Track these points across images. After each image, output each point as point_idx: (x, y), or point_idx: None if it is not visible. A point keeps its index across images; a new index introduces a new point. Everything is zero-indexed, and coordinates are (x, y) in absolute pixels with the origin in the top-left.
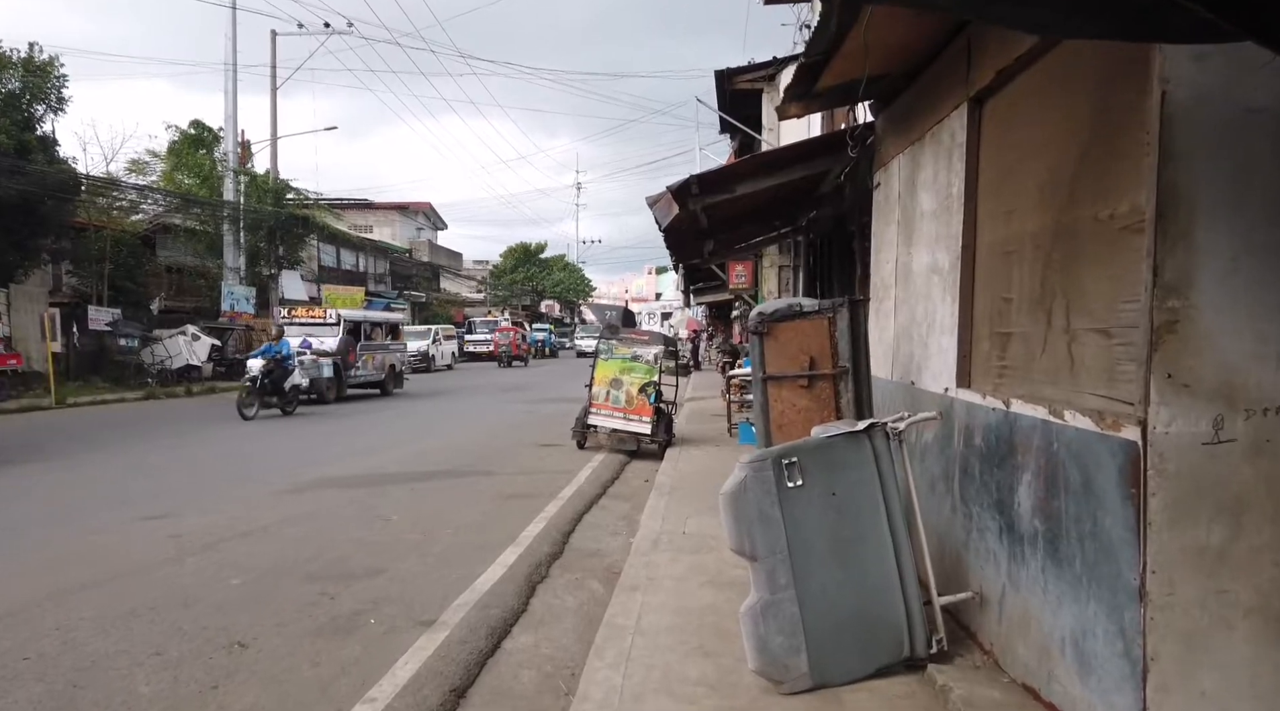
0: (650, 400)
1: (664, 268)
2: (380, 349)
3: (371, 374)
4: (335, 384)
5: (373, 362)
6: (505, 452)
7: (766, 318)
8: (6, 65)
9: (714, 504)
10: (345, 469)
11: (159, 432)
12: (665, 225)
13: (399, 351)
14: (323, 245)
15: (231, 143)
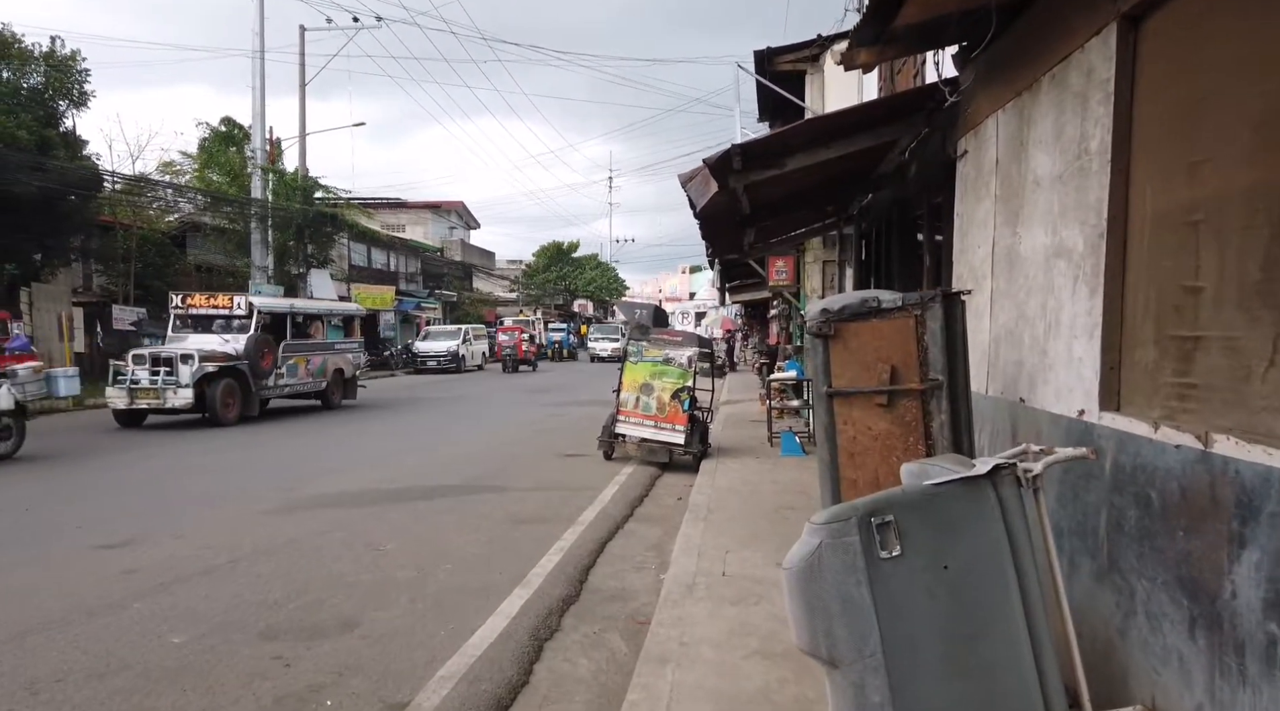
0: (684, 407)
1: (698, 267)
2: (318, 350)
3: (304, 382)
4: (239, 398)
5: (305, 368)
6: (524, 464)
7: (833, 316)
8: (28, 59)
9: (757, 531)
10: (347, 483)
11: (162, 438)
12: (701, 207)
13: (350, 352)
14: (353, 244)
15: (259, 139)
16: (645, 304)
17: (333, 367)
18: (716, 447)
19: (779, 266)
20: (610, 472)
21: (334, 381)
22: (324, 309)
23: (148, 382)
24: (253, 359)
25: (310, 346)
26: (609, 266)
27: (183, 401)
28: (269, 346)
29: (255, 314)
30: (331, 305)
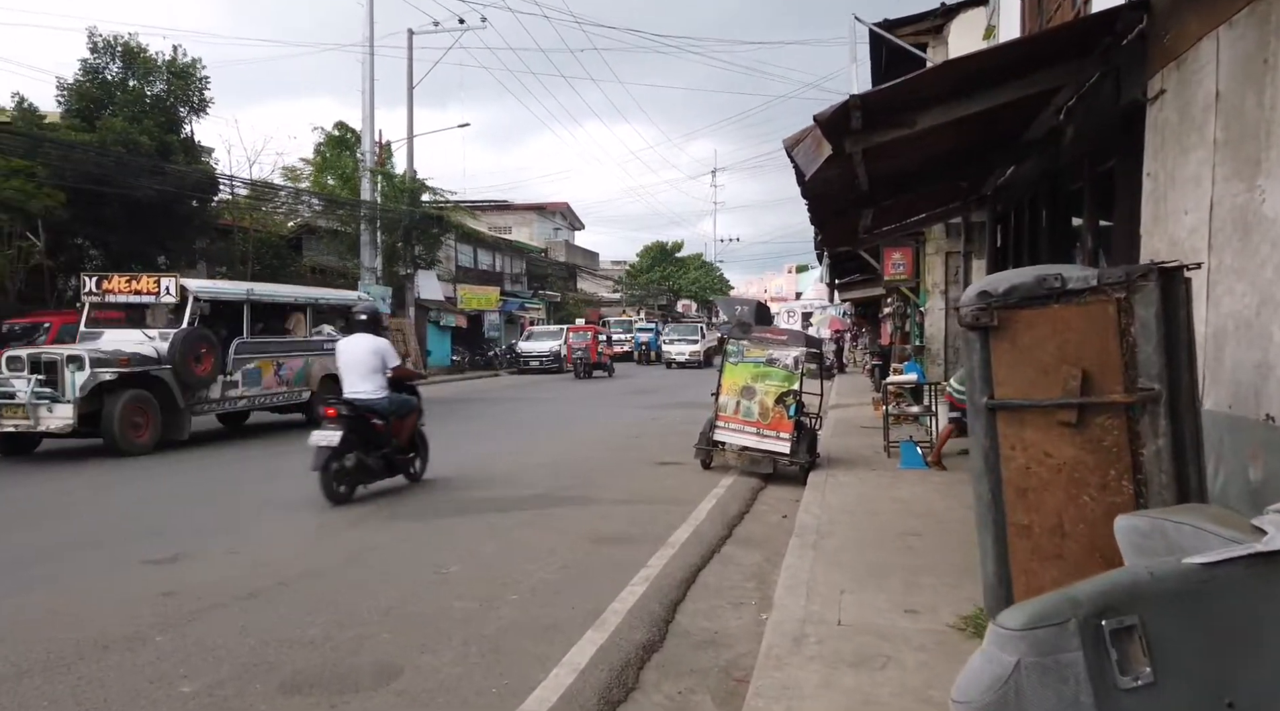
0: (789, 413)
1: (804, 266)
2: (296, 350)
3: (273, 393)
4: (155, 417)
5: (275, 374)
6: (614, 472)
7: (996, 301)
8: (152, 68)
9: (878, 564)
10: (420, 492)
11: (255, 438)
12: (811, 174)
13: None
14: (460, 245)
15: (369, 142)
16: (747, 300)
17: (321, 373)
18: (826, 457)
19: (895, 259)
20: (707, 484)
21: (325, 391)
22: (305, 296)
23: (23, 396)
24: (179, 362)
25: (283, 346)
26: (713, 266)
27: (60, 423)
28: (207, 345)
29: (190, 301)
30: (319, 293)
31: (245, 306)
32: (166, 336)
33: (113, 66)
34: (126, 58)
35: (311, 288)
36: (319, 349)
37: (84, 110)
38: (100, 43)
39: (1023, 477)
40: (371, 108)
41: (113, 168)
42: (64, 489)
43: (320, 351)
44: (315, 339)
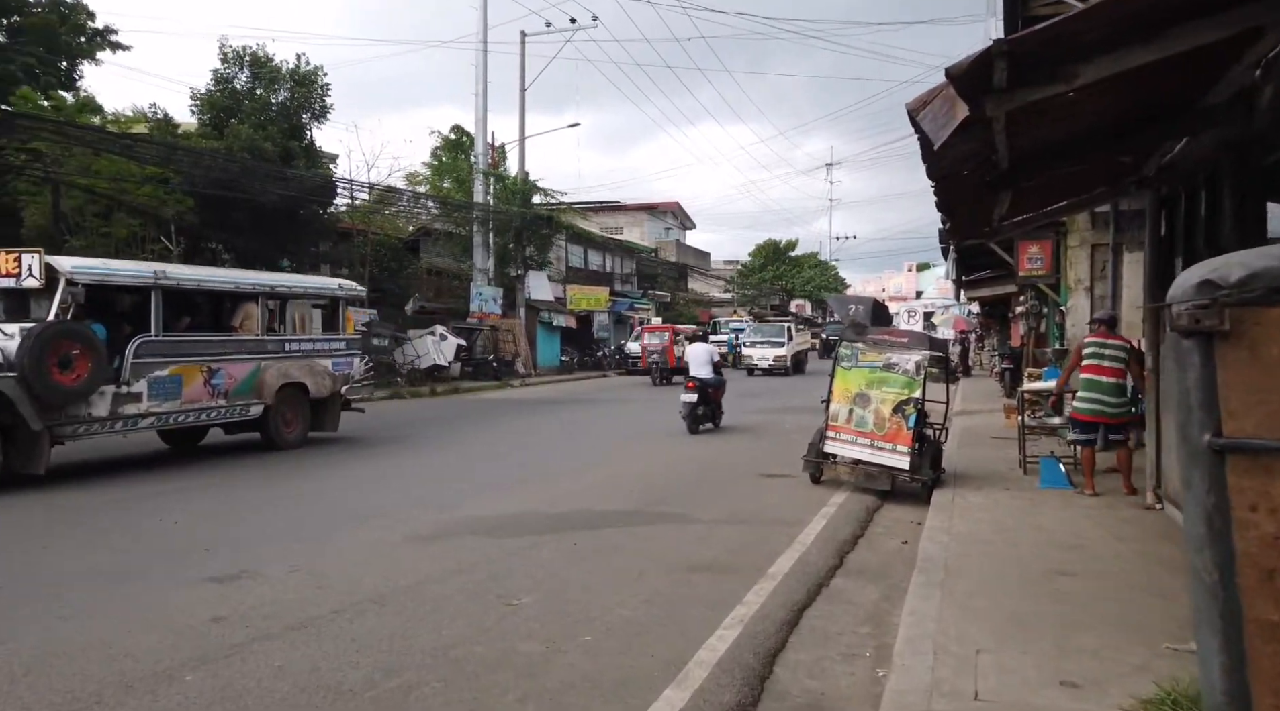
0: (909, 423)
1: (925, 264)
2: (237, 352)
3: (202, 407)
4: None
5: (206, 383)
6: (715, 485)
7: (1228, 293)
8: (277, 78)
9: (1023, 614)
10: (508, 503)
11: (370, 436)
12: (939, 145)
13: (327, 356)
14: (570, 246)
15: (481, 144)
16: (862, 298)
17: (279, 382)
18: (952, 473)
19: (1032, 252)
20: (817, 501)
21: (285, 404)
22: (257, 283)
23: None
24: (31, 369)
25: (215, 348)
26: (828, 265)
27: None
28: (79, 346)
29: (62, 286)
30: (280, 279)
31: (154, 294)
32: None
33: (241, 76)
34: (254, 66)
35: (268, 273)
36: (277, 351)
37: (215, 119)
38: (230, 53)
39: (1270, 552)
40: (484, 110)
41: (238, 174)
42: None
43: (281, 354)
44: (275, 338)
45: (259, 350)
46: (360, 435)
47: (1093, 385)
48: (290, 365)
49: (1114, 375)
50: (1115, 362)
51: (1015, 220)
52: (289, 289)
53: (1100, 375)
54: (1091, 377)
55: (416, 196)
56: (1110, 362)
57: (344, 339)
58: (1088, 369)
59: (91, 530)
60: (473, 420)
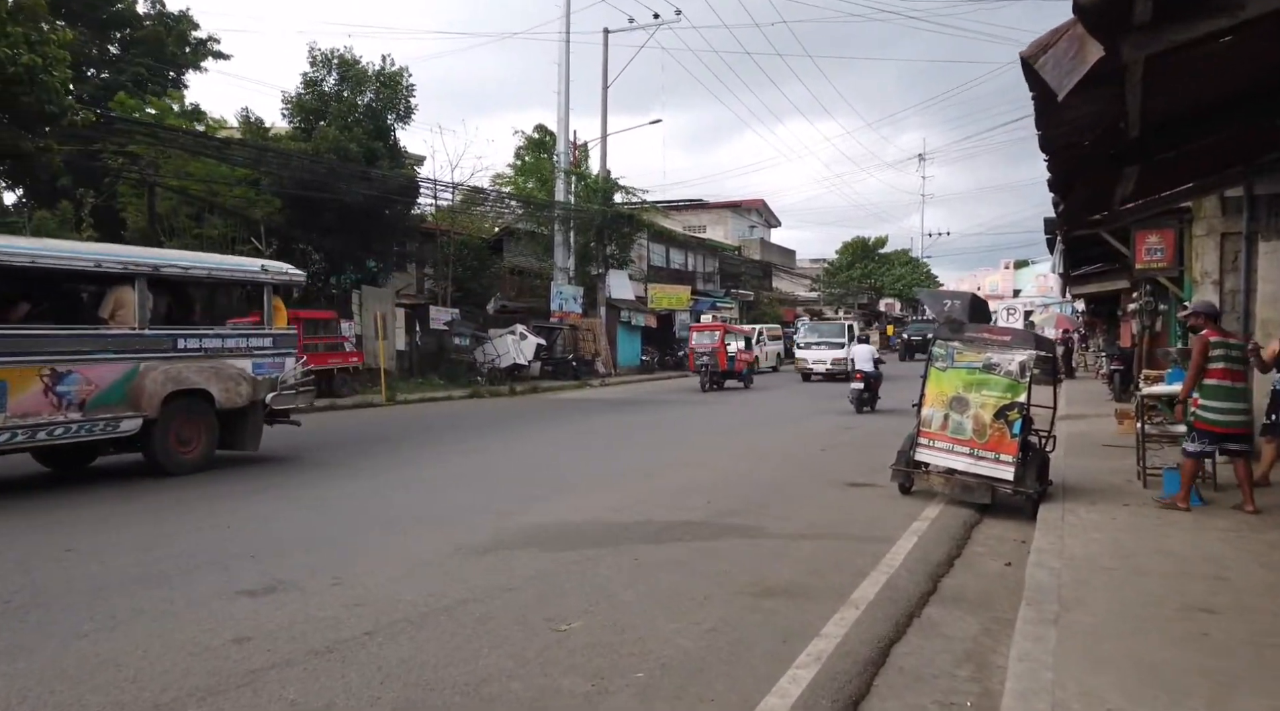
0: (1013, 431)
1: (1023, 261)
2: (106, 352)
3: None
4: None
5: (41, 394)
6: (794, 494)
7: None
8: (363, 79)
9: (1159, 663)
10: (572, 509)
11: (441, 436)
12: (1063, 96)
13: (243, 355)
14: (652, 245)
15: (563, 143)
16: (958, 293)
17: (166, 389)
18: (1060, 484)
19: (1151, 242)
20: (907, 514)
21: (178, 417)
22: (118, 261)
23: None
24: None
25: (59, 344)
26: (920, 262)
27: None
28: None
29: None
30: (161, 256)
31: None
32: None
33: (329, 78)
34: (342, 68)
35: (155, 250)
36: (164, 349)
37: (305, 121)
38: (319, 56)
39: None
40: (566, 108)
41: (324, 175)
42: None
43: (172, 354)
44: (161, 332)
45: (136, 348)
46: (425, 434)
47: (1232, 393)
48: (186, 367)
49: (1245, 380)
50: (1243, 365)
51: (1137, 203)
52: (184, 270)
53: (1237, 381)
54: (1229, 385)
55: (500, 197)
56: (1241, 365)
57: (271, 334)
58: (1220, 373)
59: (133, 533)
60: (546, 420)
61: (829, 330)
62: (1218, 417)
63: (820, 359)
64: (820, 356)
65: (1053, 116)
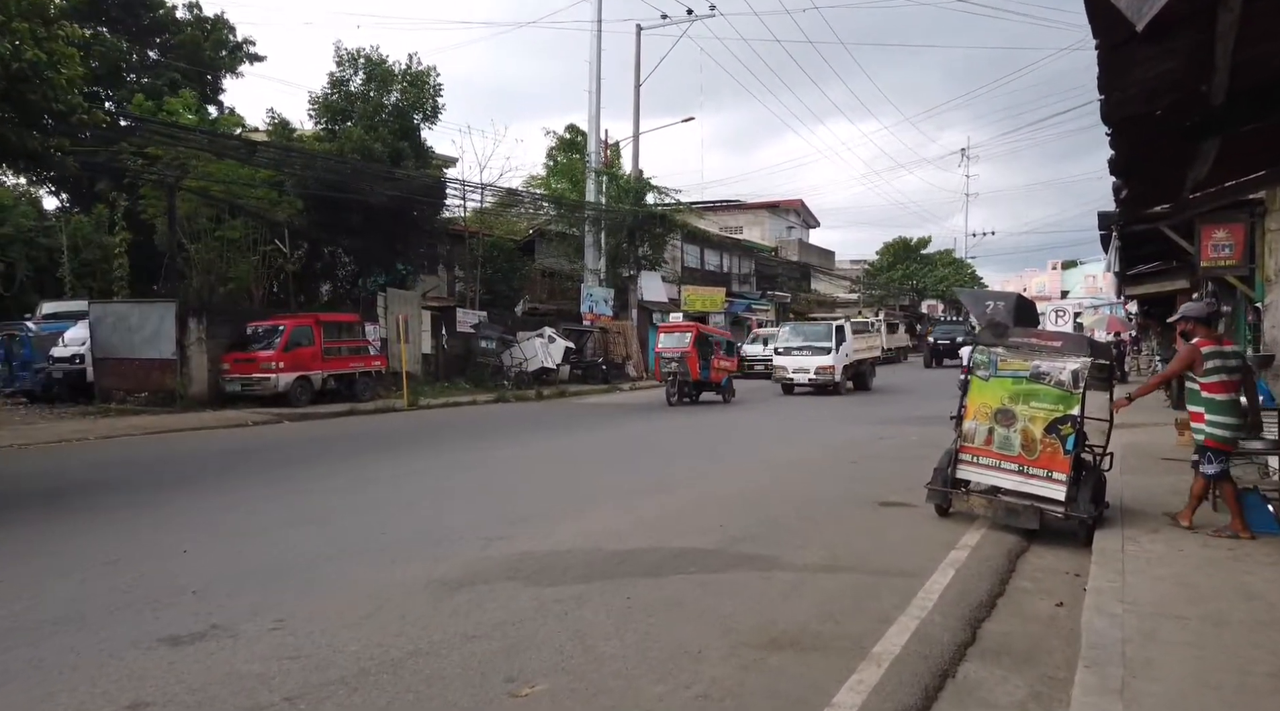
0: (1066, 447)
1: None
2: None
3: None
4: None
5: None
6: (818, 515)
7: None
8: (390, 79)
9: None
10: (561, 535)
11: (452, 443)
12: (1144, 24)
13: None
14: (686, 246)
15: (594, 141)
16: (1002, 294)
17: None
18: (1117, 507)
19: (1218, 238)
20: (943, 541)
21: None
22: None
23: None
24: None
25: None
26: (964, 262)
27: None
28: None
29: None
30: None
31: None
32: None
33: (356, 78)
34: (368, 68)
35: None
36: None
37: (331, 122)
38: (345, 55)
39: None
40: (597, 107)
41: (350, 176)
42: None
43: None
44: None
45: None
46: (436, 440)
47: (1232, 408)
48: None
49: (1238, 391)
50: (1237, 375)
51: (1208, 192)
52: None
53: (1233, 393)
54: (1233, 397)
55: (533, 198)
56: (1238, 375)
57: None
58: (1220, 386)
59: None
60: (567, 426)
61: (812, 332)
62: (1226, 434)
63: (801, 367)
64: (801, 364)
65: (1121, 75)
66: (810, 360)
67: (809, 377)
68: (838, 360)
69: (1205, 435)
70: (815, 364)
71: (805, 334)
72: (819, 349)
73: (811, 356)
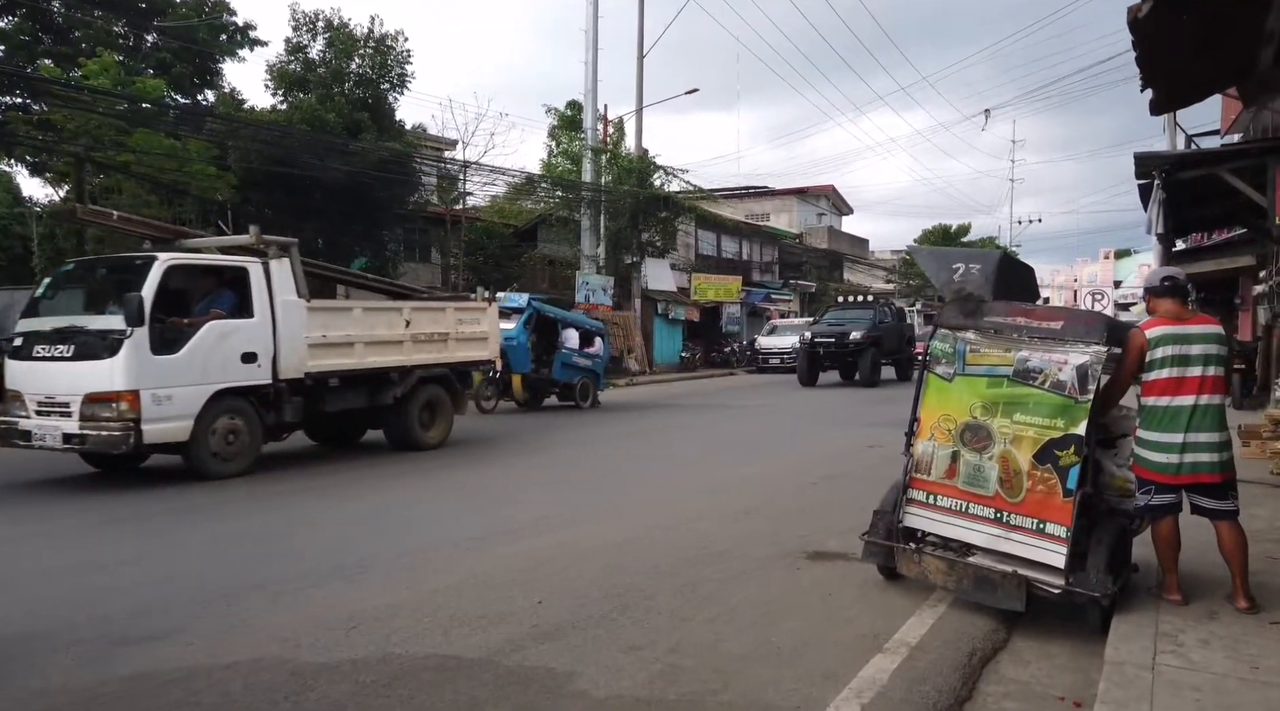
0: (1067, 484)
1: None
2: None
3: None
4: None
5: None
6: (707, 575)
7: None
8: (352, 44)
9: None
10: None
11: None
12: None
13: None
14: (701, 232)
15: (590, 117)
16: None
17: None
18: (1147, 569)
19: None
20: (869, 632)
21: None
22: None
23: None
24: None
25: None
26: (1008, 251)
27: None
28: None
29: None
30: None
31: None
32: None
33: (316, 44)
34: (328, 32)
35: None
36: None
37: (288, 93)
38: (303, 19)
39: None
40: (594, 79)
41: (295, 149)
42: None
43: None
44: None
45: None
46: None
47: (1173, 420)
48: None
49: (1213, 390)
50: (1211, 367)
51: None
52: None
53: (1187, 396)
54: (1173, 405)
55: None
56: (1203, 368)
57: None
58: (1158, 386)
59: None
60: (502, 441)
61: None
62: (1156, 457)
63: (780, 346)
64: (780, 344)
65: None
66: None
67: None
68: None
69: (1135, 458)
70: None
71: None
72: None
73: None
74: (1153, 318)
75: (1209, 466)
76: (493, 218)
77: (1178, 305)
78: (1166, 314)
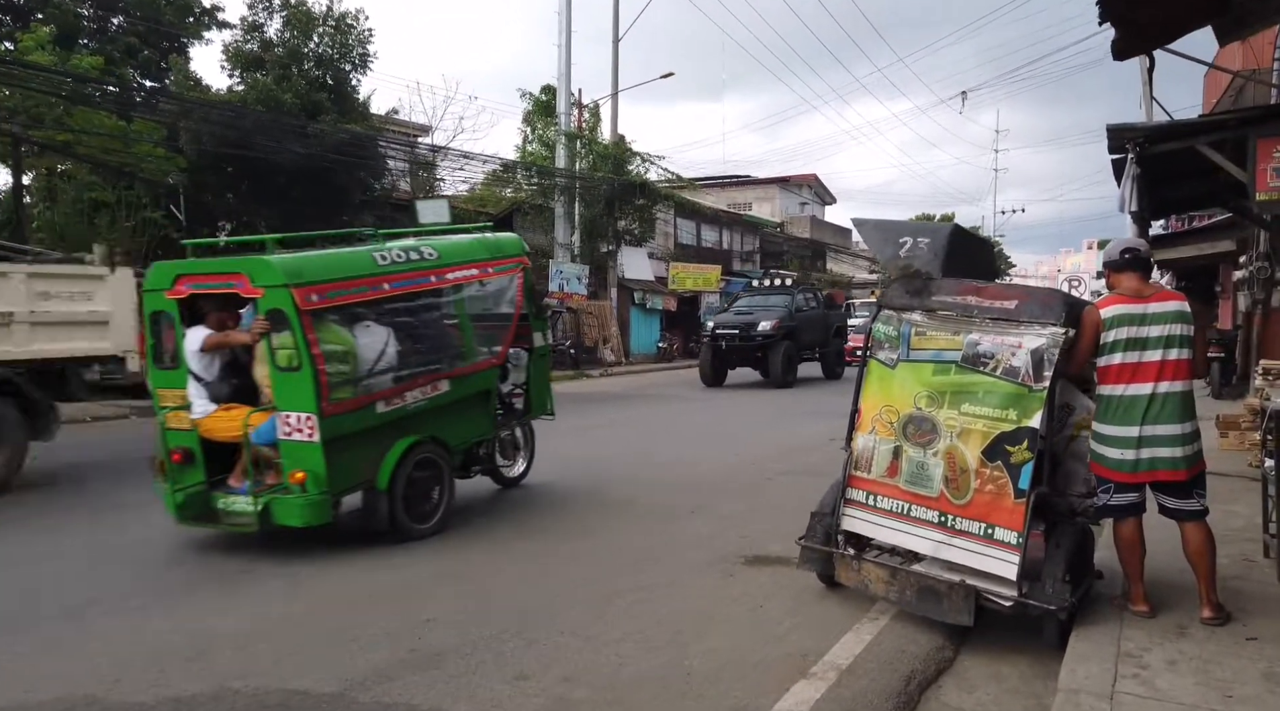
0: (1019, 484)
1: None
2: None
3: None
4: None
5: None
6: (626, 585)
7: None
8: (310, 22)
9: None
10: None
11: None
12: None
13: None
14: (680, 221)
15: (564, 101)
16: (929, 227)
17: None
18: (1114, 572)
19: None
20: (797, 651)
21: None
22: None
23: None
24: None
25: None
26: (991, 241)
27: None
28: None
29: None
30: None
31: None
32: None
33: (273, 23)
34: (284, 10)
35: None
36: None
37: (245, 73)
38: None
39: None
40: (568, 62)
41: (249, 131)
42: None
43: None
44: None
45: None
46: None
47: (1129, 411)
48: None
49: (1174, 376)
50: (1175, 349)
51: None
52: None
53: (1135, 381)
54: (1128, 394)
55: (505, 165)
56: (1163, 351)
57: None
58: (1112, 372)
59: None
60: None
61: None
62: (1110, 453)
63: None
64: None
65: None
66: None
67: None
68: None
69: (1093, 454)
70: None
71: None
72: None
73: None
74: (1110, 294)
75: (1169, 462)
76: (468, 206)
77: (1139, 280)
78: (1125, 291)
